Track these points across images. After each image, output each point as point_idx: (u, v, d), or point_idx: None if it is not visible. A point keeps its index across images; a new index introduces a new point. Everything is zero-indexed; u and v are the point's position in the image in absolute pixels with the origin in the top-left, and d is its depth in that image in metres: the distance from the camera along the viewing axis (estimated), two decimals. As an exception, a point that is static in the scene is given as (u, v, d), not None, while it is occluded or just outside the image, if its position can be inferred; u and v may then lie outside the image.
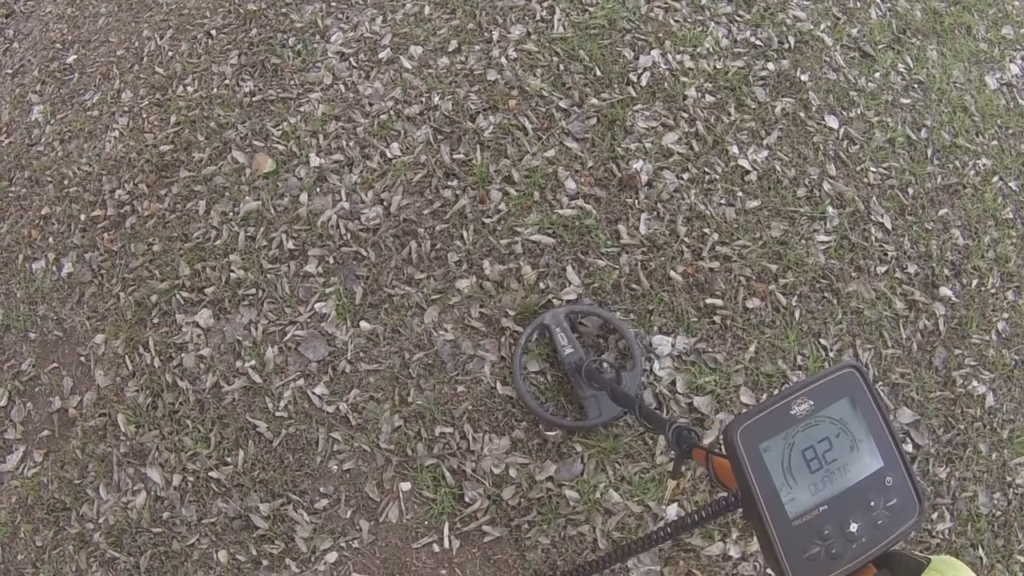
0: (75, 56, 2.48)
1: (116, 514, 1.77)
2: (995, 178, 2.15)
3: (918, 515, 0.72)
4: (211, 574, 1.70)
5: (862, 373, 0.73)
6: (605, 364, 1.68)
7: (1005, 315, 1.99)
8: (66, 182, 2.21)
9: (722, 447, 0.74)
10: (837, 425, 0.72)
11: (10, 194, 2.27)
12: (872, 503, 0.71)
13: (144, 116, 2.25)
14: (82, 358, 1.96)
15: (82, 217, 2.14)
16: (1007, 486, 1.82)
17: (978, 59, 2.37)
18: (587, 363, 1.63)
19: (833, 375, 0.73)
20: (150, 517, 1.75)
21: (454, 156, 2.03)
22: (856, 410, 0.73)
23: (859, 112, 2.15)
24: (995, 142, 2.23)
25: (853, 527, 0.69)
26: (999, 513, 1.80)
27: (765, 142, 2.06)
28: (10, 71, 2.55)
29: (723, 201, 1.98)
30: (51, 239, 2.15)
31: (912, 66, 2.28)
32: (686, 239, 1.93)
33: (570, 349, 1.71)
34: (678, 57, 2.16)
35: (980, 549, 1.74)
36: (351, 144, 2.07)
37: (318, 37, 2.28)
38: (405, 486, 1.71)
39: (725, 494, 0.80)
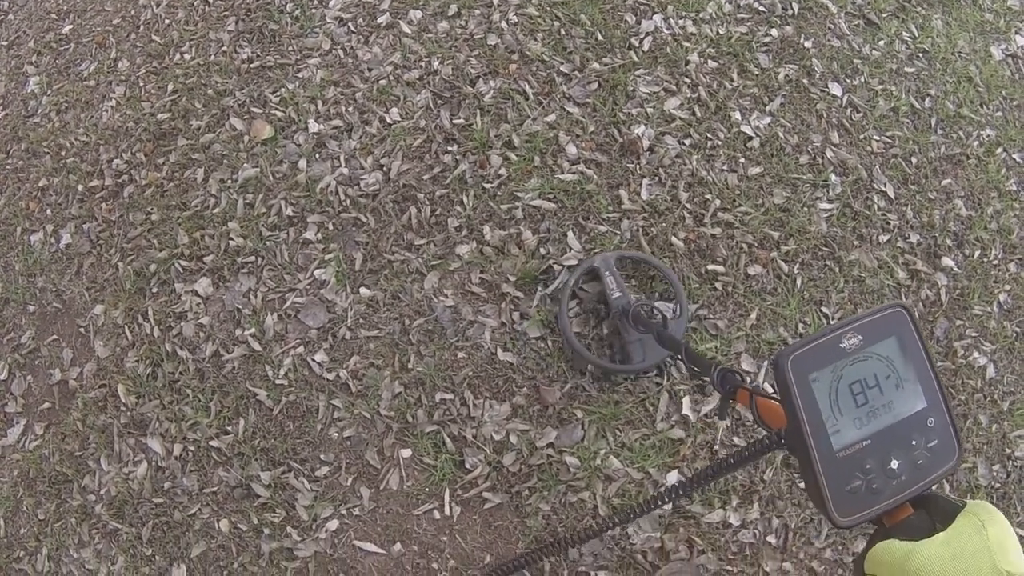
0: (71, 26, 2.45)
1: (117, 485, 1.77)
2: (999, 149, 2.14)
3: (956, 459, 0.72)
4: (213, 543, 1.70)
5: (910, 313, 0.74)
6: (653, 308, 1.68)
7: (1007, 287, 1.98)
8: (63, 153, 2.20)
9: (772, 384, 0.74)
10: (884, 362, 0.73)
11: (7, 166, 2.25)
12: (914, 442, 0.71)
13: (141, 85, 2.23)
14: (81, 329, 1.96)
15: (80, 188, 2.12)
16: (1006, 458, 1.82)
17: (983, 29, 2.35)
18: (635, 306, 1.63)
19: (883, 313, 0.73)
20: (151, 487, 1.75)
21: (454, 121, 2.01)
22: (903, 349, 0.73)
23: (863, 80, 2.13)
24: (999, 113, 2.21)
25: (894, 464, 0.70)
26: (998, 485, 1.80)
27: (768, 108, 2.04)
28: (5, 43, 2.52)
29: (725, 167, 1.96)
30: (49, 211, 2.13)
31: (917, 35, 2.25)
32: (688, 205, 1.91)
33: (618, 293, 1.71)
34: (680, 22, 2.13)
35: (980, 519, 1.74)
36: (350, 110, 2.05)
37: (316, 2, 2.25)
38: (406, 453, 1.71)
39: (767, 434, 0.81)
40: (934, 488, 0.72)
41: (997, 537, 0.62)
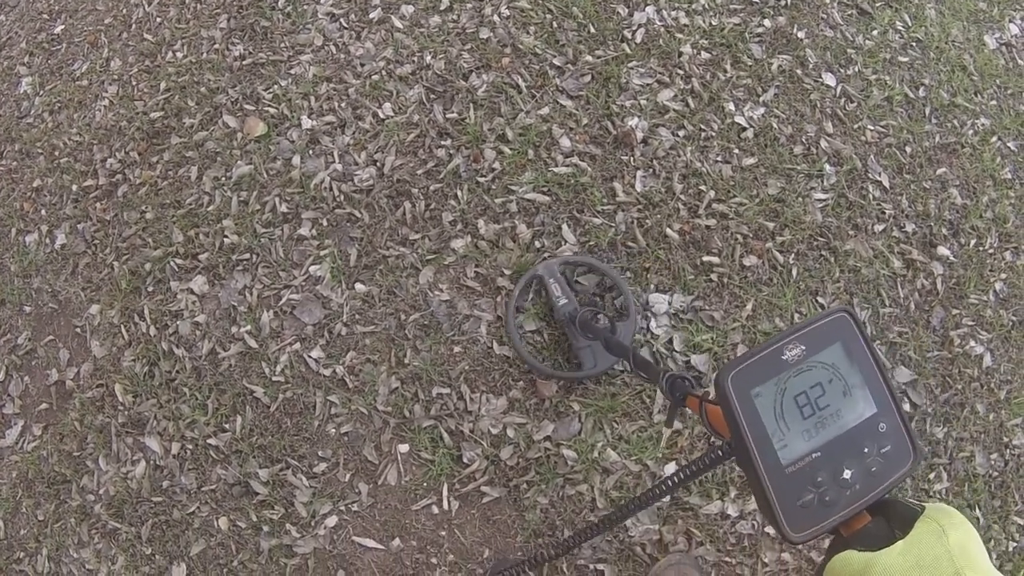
0: (62, 26, 2.44)
1: (116, 485, 1.77)
2: (994, 138, 2.13)
3: (912, 461, 0.70)
4: (212, 541, 1.70)
5: (854, 317, 0.72)
6: (599, 314, 1.68)
7: (1003, 275, 1.98)
8: (57, 153, 2.19)
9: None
10: (829, 370, 0.71)
11: (1, 167, 2.25)
12: (866, 449, 0.69)
13: (134, 84, 2.23)
14: (78, 329, 1.95)
15: (74, 188, 2.12)
16: (1004, 447, 1.82)
17: (977, 18, 2.34)
18: (581, 312, 1.62)
19: (825, 319, 0.71)
20: (150, 486, 1.75)
21: (447, 115, 2.01)
22: (849, 355, 0.71)
23: (856, 70, 2.13)
24: (994, 102, 2.20)
25: (847, 473, 0.68)
26: (996, 474, 1.80)
27: (761, 99, 2.04)
28: (-3, 44, 2.52)
29: (719, 158, 1.96)
30: (43, 211, 2.13)
31: (910, 24, 2.25)
32: (682, 196, 1.91)
33: (564, 300, 1.70)
34: (673, 14, 2.13)
35: (977, 510, 1.74)
36: (343, 105, 2.05)
37: (308, -1, 2.25)
38: (403, 448, 1.71)
39: (720, 443, 0.79)
40: (892, 493, 0.70)
41: (959, 542, 0.60)
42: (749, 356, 0.70)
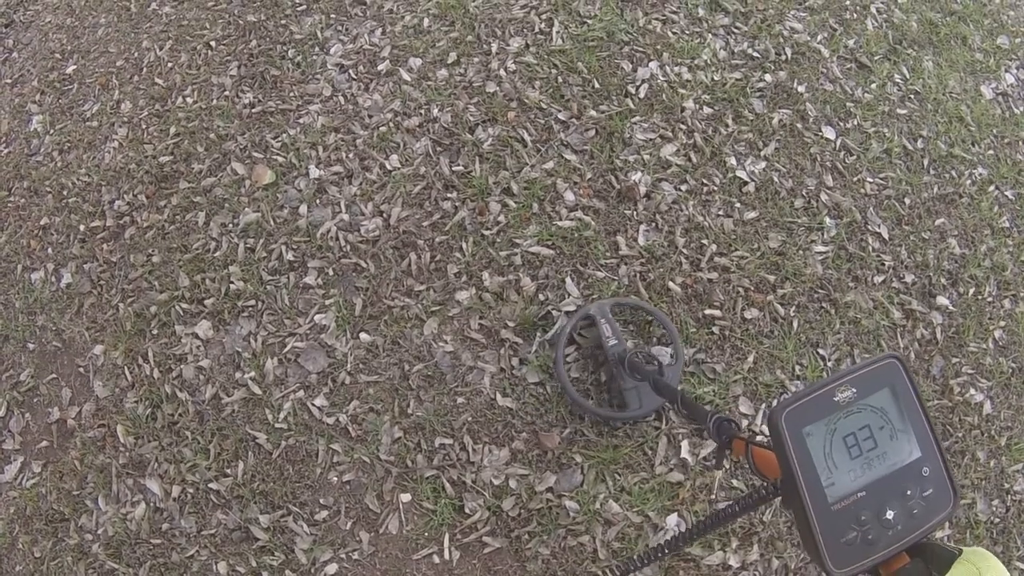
0: (74, 66, 2.48)
1: (115, 525, 1.76)
2: (991, 187, 2.17)
3: (952, 506, 0.73)
4: (211, 586, 1.70)
5: (903, 364, 0.74)
6: (649, 355, 1.69)
7: (1002, 323, 2.00)
8: (65, 192, 2.22)
9: (765, 435, 0.74)
10: (878, 413, 0.73)
11: (9, 204, 2.27)
12: (909, 492, 0.71)
13: (143, 127, 2.26)
14: (81, 369, 1.96)
15: (81, 227, 2.14)
16: (1005, 493, 1.83)
17: (974, 69, 2.39)
18: (631, 354, 1.64)
19: (876, 364, 0.74)
20: (149, 528, 1.75)
21: (453, 168, 2.04)
22: (897, 400, 0.73)
23: (856, 123, 2.16)
24: (991, 151, 2.24)
25: (889, 514, 0.70)
26: (997, 520, 1.80)
27: (763, 153, 2.07)
28: (9, 81, 2.55)
29: (721, 212, 1.99)
30: (50, 249, 2.15)
31: (908, 77, 2.29)
32: (684, 250, 1.93)
33: (614, 340, 1.72)
34: (676, 69, 2.17)
35: (978, 557, 1.74)
36: (350, 156, 2.08)
37: (317, 49, 2.29)
38: (405, 497, 1.72)
39: (763, 484, 0.81)
40: (930, 536, 0.72)
41: None
42: (802, 396, 0.72)
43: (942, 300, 1.97)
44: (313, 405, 1.80)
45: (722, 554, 1.65)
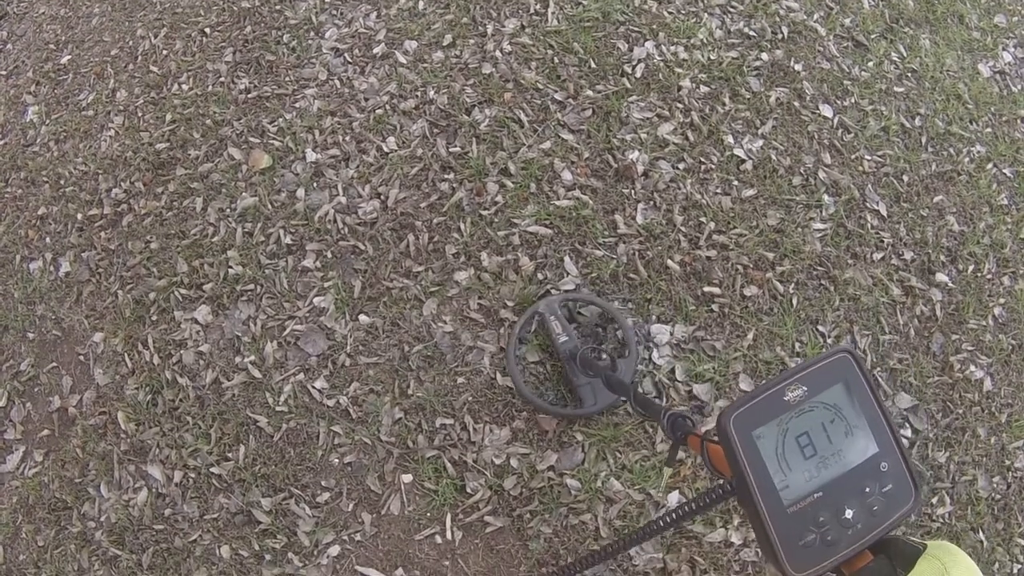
0: (69, 56, 2.48)
1: (117, 512, 1.76)
2: (989, 165, 2.17)
3: (914, 501, 0.71)
4: (214, 570, 1.69)
5: (856, 358, 0.72)
6: (600, 351, 1.68)
7: (1001, 300, 2.00)
8: (62, 182, 2.21)
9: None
10: (832, 411, 0.71)
11: (6, 195, 2.27)
12: (867, 489, 0.70)
13: (139, 115, 2.25)
14: (81, 357, 1.96)
15: (79, 216, 2.13)
16: (1006, 469, 1.83)
17: (971, 47, 2.39)
18: (582, 350, 1.63)
19: (827, 360, 0.72)
20: (152, 514, 1.75)
21: (450, 149, 2.04)
22: (851, 395, 0.72)
23: (853, 101, 2.16)
24: (989, 129, 2.24)
25: (848, 513, 0.69)
26: (998, 497, 1.81)
27: (760, 131, 2.07)
28: (4, 72, 2.55)
29: (719, 190, 1.98)
30: (48, 239, 2.14)
31: (905, 55, 2.29)
32: (683, 228, 1.93)
33: (565, 337, 1.72)
34: (672, 48, 2.17)
35: (980, 533, 1.75)
36: (347, 139, 2.08)
37: (312, 33, 2.29)
38: (407, 478, 1.72)
39: (721, 481, 0.79)
40: (893, 532, 0.71)
41: None
42: (751, 397, 0.70)
43: (941, 277, 1.97)
44: (313, 388, 1.80)
45: (724, 531, 1.66)
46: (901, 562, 0.67)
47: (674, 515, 0.85)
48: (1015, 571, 1.75)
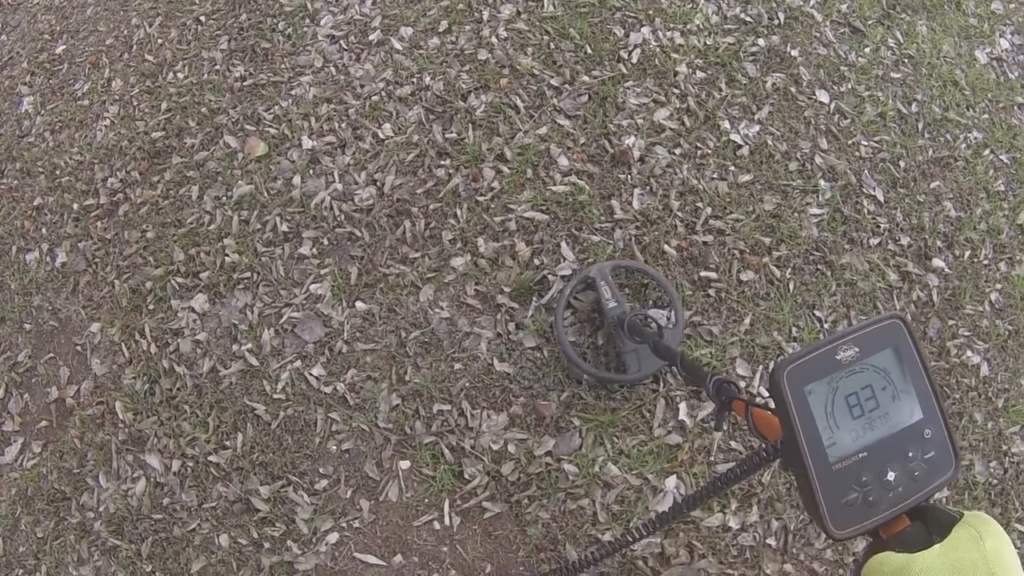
0: (64, 46, 2.47)
1: (116, 502, 1.76)
2: (986, 151, 2.16)
3: (954, 470, 0.72)
4: (213, 558, 1.70)
5: (907, 324, 0.73)
6: (648, 317, 1.69)
7: (998, 286, 2.00)
8: (58, 172, 2.21)
9: (768, 393, 0.74)
10: (881, 374, 0.72)
11: (2, 186, 2.26)
12: (910, 454, 0.71)
13: (135, 104, 2.25)
14: (78, 347, 1.96)
15: (75, 206, 2.13)
16: (1003, 455, 1.83)
17: (968, 34, 2.38)
18: (630, 316, 1.63)
19: (879, 324, 0.72)
20: (150, 504, 1.75)
21: (446, 135, 2.03)
22: (900, 361, 0.72)
23: (850, 87, 2.16)
24: (986, 115, 2.24)
25: (891, 476, 0.69)
26: (996, 482, 1.81)
27: (756, 117, 2.07)
28: (-1, 63, 2.54)
29: (716, 175, 1.98)
30: (44, 229, 2.14)
31: (902, 41, 2.28)
32: (679, 213, 1.93)
33: (614, 303, 1.71)
34: (668, 34, 2.16)
35: (977, 518, 1.75)
36: (343, 126, 2.07)
37: (308, 21, 2.28)
38: (404, 464, 1.72)
39: (764, 446, 0.80)
40: (931, 500, 0.71)
41: (995, 549, 0.61)
42: (805, 353, 0.71)
43: (938, 262, 1.97)
44: (311, 375, 1.80)
45: (721, 516, 1.66)
46: (937, 529, 0.67)
47: (723, 479, 0.86)
48: (1013, 556, 1.76)
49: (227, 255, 1.94)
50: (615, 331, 1.70)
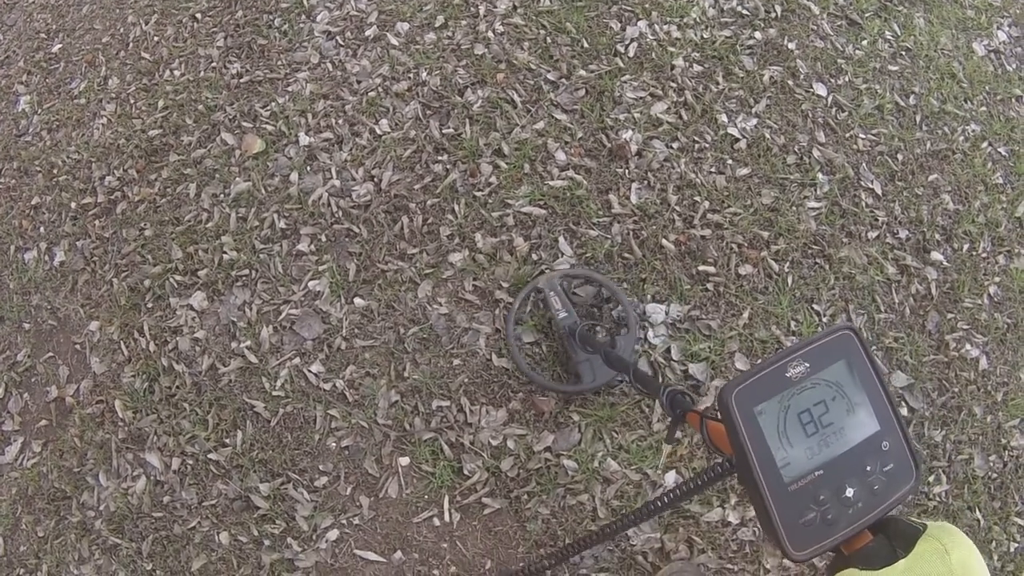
0: (60, 45, 2.46)
1: (116, 500, 1.76)
2: (984, 143, 2.16)
3: (914, 480, 0.71)
4: (213, 556, 1.70)
5: (858, 335, 0.71)
6: (599, 328, 1.68)
7: (997, 279, 2.00)
8: (55, 171, 2.20)
9: (717, 410, 0.73)
10: (833, 388, 0.70)
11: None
12: (868, 467, 0.69)
13: (132, 102, 2.24)
14: (77, 346, 1.96)
15: (73, 205, 2.13)
16: (1002, 448, 1.84)
17: (965, 26, 2.38)
18: (581, 326, 1.63)
19: (829, 337, 0.71)
20: (150, 502, 1.75)
21: (443, 131, 2.03)
22: (852, 373, 0.71)
23: (847, 79, 2.15)
24: (984, 108, 2.23)
25: (849, 492, 0.68)
26: (995, 475, 1.81)
27: (754, 110, 2.07)
28: (-5, 63, 2.54)
29: (713, 169, 1.98)
30: (42, 228, 2.14)
31: (899, 33, 2.28)
32: (677, 207, 1.93)
33: (564, 313, 1.71)
34: (665, 27, 2.16)
35: (977, 511, 1.75)
36: (340, 122, 2.07)
37: (304, 17, 2.27)
38: (404, 461, 1.72)
39: (720, 460, 0.79)
40: (893, 512, 0.70)
41: (961, 561, 0.60)
42: (753, 373, 0.70)
43: (936, 256, 1.97)
44: (310, 372, 1.80)
45: (721, 511, 1.66)
46: (901, 542, 0.66)
47: (672, 495, 0.85)
48: (1011, 550, 1.76)
49: (225, 252, 1.94)
50: (567, 341, 1.69)
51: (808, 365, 0.70)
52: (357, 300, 1.86)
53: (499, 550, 1.65)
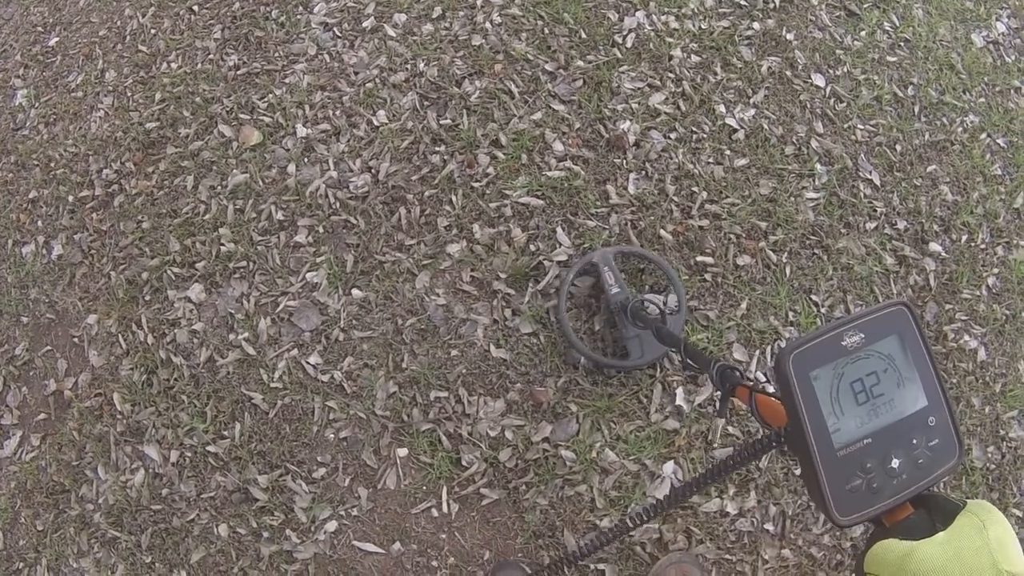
0: (57, 38, 2.46)
1: (115, 493, 1.77)
2: (983, 135, 2.16)
3: (957, 459, 0.72)
4: (212, 548, 1.70)
5: (912, 311, 0.73)
6: (651, 303, 1.68)
7: (995, 270, 1.99)
8: (53, 164, 2.20)
9: (766, 378, 0.73)
10: (885, 360, 0.72)
11: (-3, 179, 2.26)
12: (914, 441, 0.71)
13: (129, 95, 2.24)
14: (75, 339, 1.96)
15: (70, 199, 2.12)
16: (1000, 440, 1.84)
17: (964, 17, 2.37)
18: (633, 302, 1.63)
19: (884, 311, 0.72)
20: (149, 495, 1.76)
21: (441, 122, 2.03)
22: (904, 347, 0.72)
23: (845, 70, 2.15)
24: (982, 99, 2.23)
25: (895, 463, 0.69)
26: (993, 467, 1.81)
27: (752, 101, 2.06)
28: (-8, 56, 2.53)
29: (711, 160, 1.98)
30: (40, 222, 2.13)
31: (898, 24, 2.27)
32: (675, 198, 1.93)
33: (616, 288, 1.70)
34: (663, 18, 2.15)
35: (975, 502, 1.75)
36: (337, 113, 2.06)
37: (301, 8, 2.27)
38: (402, 452, 1.72)
39: (766, 432, 0.80)
40: (934, 487, 0.71)
41: (998, 537, 0.62)
42: (810, 339, 0.71)
43: (935, 246, 1.97)
44: (308, 363, 1.80)
45: (719, 501, 1.66)
46: (940, 517, 0.67)
47: (725, 464, 0.86)
48: (1010, 541, 1.76)
49: (223, 244, 1.94)
50: (618, 317, 1.69)
51: (863, 335, 0.72)
52: (355, 291, 1.86)
53: (497, 540, 1.65)
